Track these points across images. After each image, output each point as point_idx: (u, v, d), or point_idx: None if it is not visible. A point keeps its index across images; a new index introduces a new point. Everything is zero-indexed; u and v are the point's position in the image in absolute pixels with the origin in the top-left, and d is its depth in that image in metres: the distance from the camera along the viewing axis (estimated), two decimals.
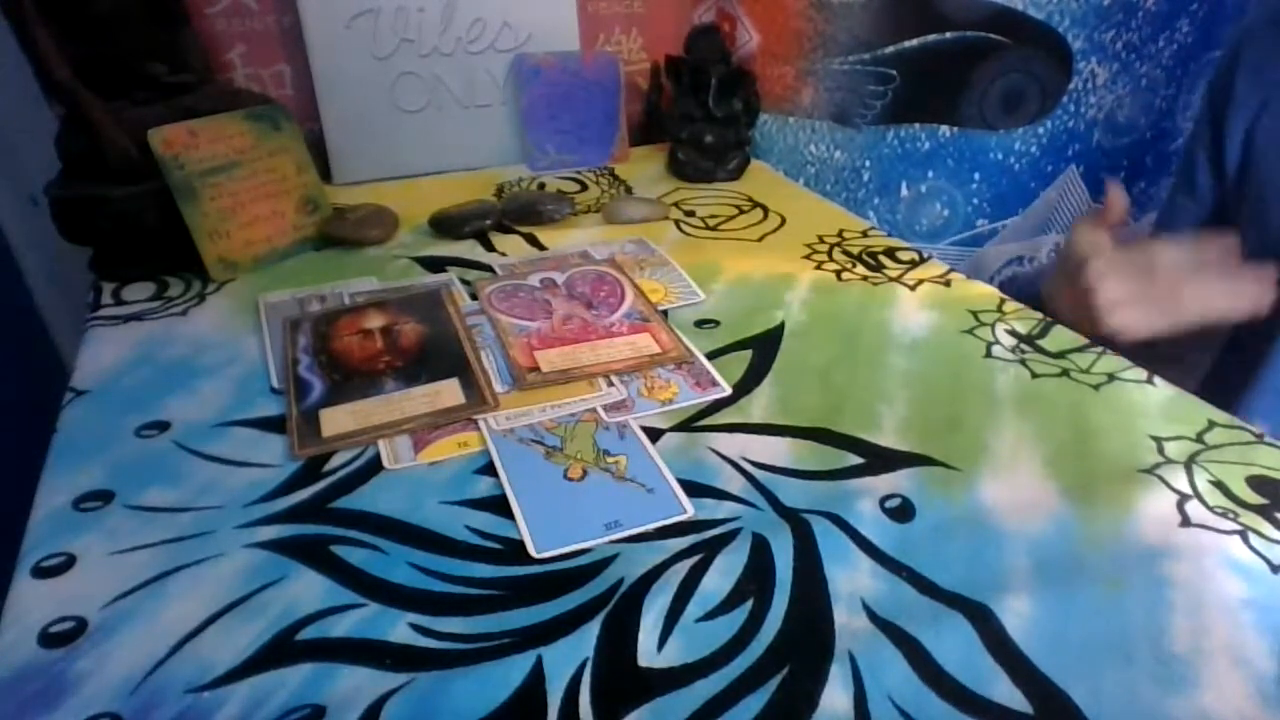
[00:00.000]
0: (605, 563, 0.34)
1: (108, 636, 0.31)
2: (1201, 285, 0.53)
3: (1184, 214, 0.73)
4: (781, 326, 0.53)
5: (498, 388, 0.46)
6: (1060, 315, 0.55)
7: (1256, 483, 0.39)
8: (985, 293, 0.57)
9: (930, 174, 0.90)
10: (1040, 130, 0.88)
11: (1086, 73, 0.86)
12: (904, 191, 0.91)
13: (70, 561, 0.34)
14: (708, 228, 0.70)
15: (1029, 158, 0.90)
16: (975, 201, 0.92)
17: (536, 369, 0.47)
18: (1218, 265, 0.54)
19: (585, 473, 0.39)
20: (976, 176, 0.90)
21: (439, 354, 0.48)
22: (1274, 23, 0.65)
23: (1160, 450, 0.41)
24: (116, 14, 0.57)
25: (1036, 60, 0.84)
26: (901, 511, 0.37)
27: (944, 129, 0.87)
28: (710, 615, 0.32)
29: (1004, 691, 0.29)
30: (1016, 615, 0.32)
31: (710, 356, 0.49)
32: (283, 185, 0.63)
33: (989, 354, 0.50)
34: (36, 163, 0.61)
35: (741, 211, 0.73)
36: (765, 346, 0.51)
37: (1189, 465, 0.40)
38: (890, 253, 0.64)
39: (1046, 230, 0.97)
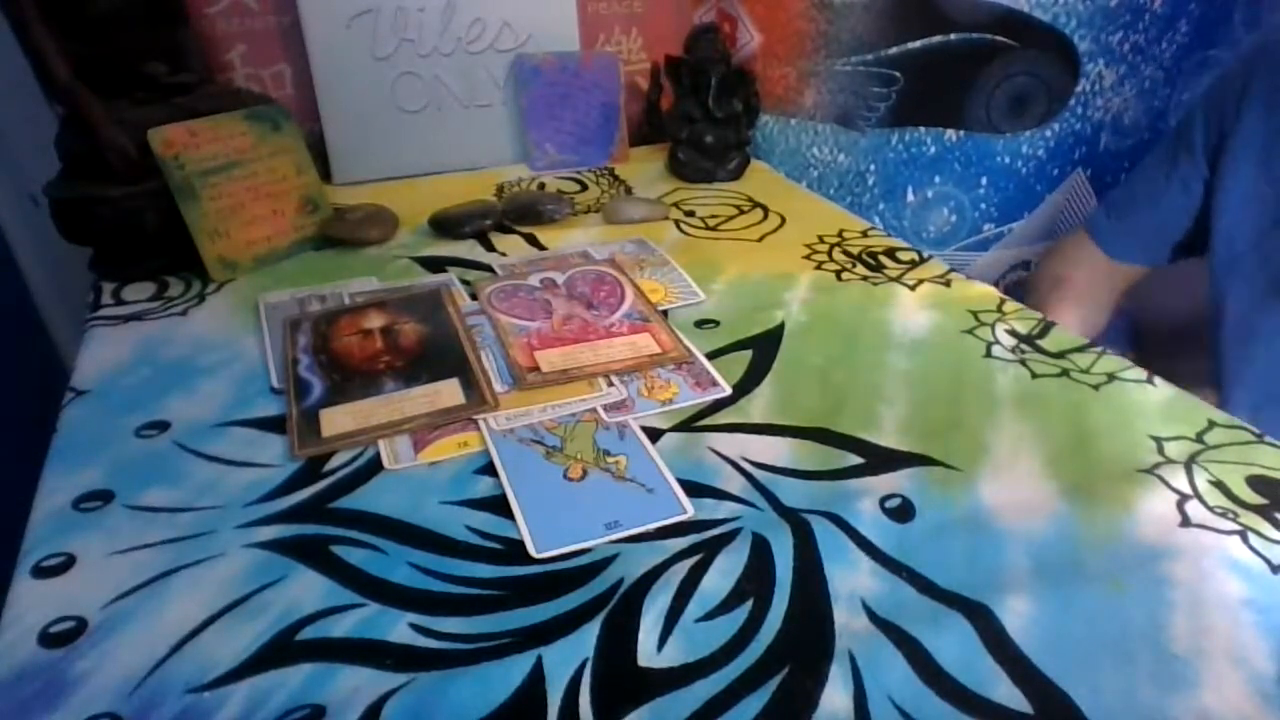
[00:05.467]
0: (605, 563, 0.34)
1: (108, 636, 0.31)
2: None
3: (1174, 198, 0.72)
4: (781, 326, 0.53)
5: (498, 388, 0.46)
6: None
7: (1256, 483, 0.39)
8: (985, 293, 0.57)
9: (936, 178, 0.89)
10: (1047, 133, 0.88)
11: (1094, 75, 0.85)
12: (910, 196, 0.90)
13: (70, 561, 0.34)
14: (708, 228, 0.70)
15: (1036, 161, 0.90)
16: (982, 206, 0.91)
17: (536, 369, 0.47)
18: None
19: (585, 473, 0.39)
20: (983, 180, 0.90)
21: (439, 354, 0.48)
22: None
23: (1160, 450, 0.41)
24: (116, 14, 0.57)
25: (1043, 62, 0.84)
26: (901, 511, 0.37)
27: (949, 132, 0.86)
28: (710, 615, 0.32)
29: (1004, 691, 0.29)
30: (1016, 615, 0.32)
31: (710, 356, 0.49)
32: (283, 185, 0.63)
33: (989, 354, 0.50)
34: (36, 163, 0.61)
35: (741, 211, 0.73)
36: (765, 346, 0.51)
37: (1189, 465, 0.40)
38: (890, 253, 0.64)
39: (1053, 235, 0.97)
